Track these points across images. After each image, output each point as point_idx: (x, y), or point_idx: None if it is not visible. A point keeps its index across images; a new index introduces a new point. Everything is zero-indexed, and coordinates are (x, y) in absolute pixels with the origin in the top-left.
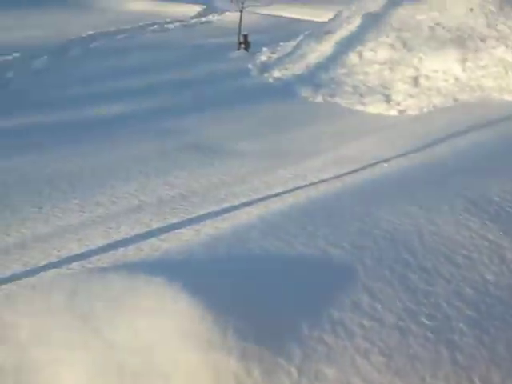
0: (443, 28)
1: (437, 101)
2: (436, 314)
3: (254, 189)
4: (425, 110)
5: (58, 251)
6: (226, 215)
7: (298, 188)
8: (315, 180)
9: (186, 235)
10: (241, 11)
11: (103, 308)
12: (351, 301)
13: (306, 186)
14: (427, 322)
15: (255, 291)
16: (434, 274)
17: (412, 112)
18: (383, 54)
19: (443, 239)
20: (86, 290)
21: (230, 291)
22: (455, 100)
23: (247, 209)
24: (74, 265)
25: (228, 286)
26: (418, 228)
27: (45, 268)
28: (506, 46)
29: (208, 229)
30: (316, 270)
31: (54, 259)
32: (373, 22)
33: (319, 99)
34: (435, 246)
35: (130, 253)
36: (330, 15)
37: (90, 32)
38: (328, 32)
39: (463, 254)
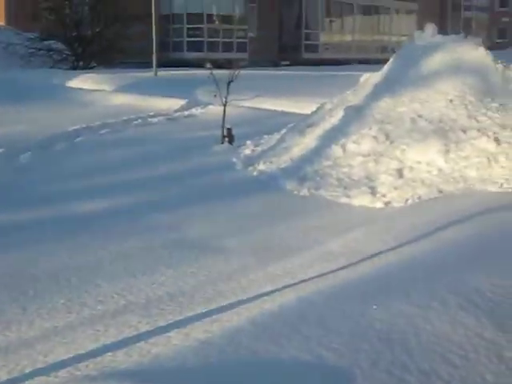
0: (425, 120)
1: (421, 192)
2: None
3: (241, 287)
4: (409, 201)
5: (45, 357)
6: (214, 316)
7: (287, 286)
8: (304, 277)
9: (175, 339)
10: (224, 105)
11: None
12: None
13: (295, 284)
14: None
15: None
16: (432, 376)
17: (397, 204)
18: (366, 146)
19: (440, 339)
20: None
21: None
22: (439, 191)
23: (236, 309)
24: (62, 372)
25: None
26: (413, 328)
27: (31, 375)
28: (488, 137)
29: (197, 333)
30: (311, 375)
31: (40, 365)
32: (355, 114)
33: (304, 192)
34: (432, 346)
35: (119, 358)
36: (313, 107)
37: (75, 127)
38: (311, 125)
39: (460, 354)
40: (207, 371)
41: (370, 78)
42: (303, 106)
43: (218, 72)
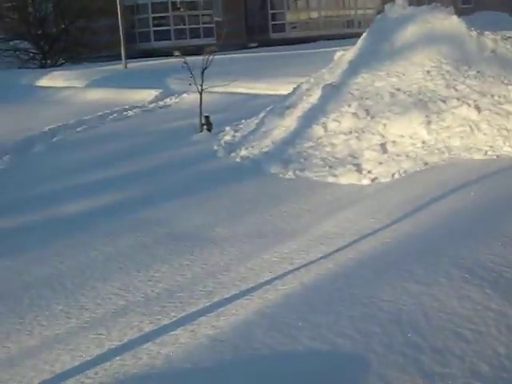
0: (404, 93)
1: (407, 165)
2: None
3: (241, 278)
4: (396, 176)
5: (51, 366)
6: (219, 310)
7: (287, 273)
8: (303, 262)
9: (183, 337)
10: (200, 93)
11: None
12: None
13: (295, 269)
14: None
15: None
16: (446, 353)
17: (384, 179)
18: (347, 123)
19: (449, 315)
20: None
21: None
22: (425, 163)
23: (240, 301)
24: (71, 382)
25: None
26: (422, 306)
27: None
28: (468, 105)
29: (205, 329)
30: (327, 363)
31: (47, 376)
32: (333, 92)
33: (290, 175)
34: (442, 323)
35: (128, 362)
36: (287, 88)
37: (50, 126)
38: (289, 106)
39: (471, 329)
40: (223, 370)
41: (344, 55)
42: (278, 88)
43: (189, 59)
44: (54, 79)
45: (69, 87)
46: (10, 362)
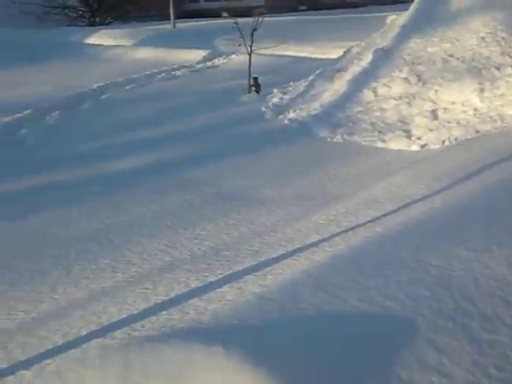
0: (457, 59)
1: (457, 133)
2: (505, 364)
3: (288, 238)
4: (446, 142)
5: (99, 318)
6: (265, 269)
7: (334, 235)
8: (351, 225)
9: (229, 294)
10: (249, 54)
11: None
12: (416, 357)
13: (342, 232)
14: (497, 374)
15: (319, 358)
16: (495, 321)
17: (433, 146)
18: (398, 88)
19: (499, 282)
20: (139, 365)
21: (293, 362)
22: (476, 131)
23: (287, 261)
24: (118, 333)
25: (291, 356)
26: (471, 273)
27: (87, 338)
28: None
29: (251, 287)
30: (375, 326)
31: (95, 327)
32: (384, 57)
33: (338, 139)
34: (492, 290)
35: (175, 317)
36: (336, 52)
37: (100, 84)
38: (340, 70)
39: None
40: (270, 329)
41: (397, 19)
42: (326, 51)
43: (238, 20)
44: (102, 37)
45: (117, 46)
46: (58, 313)
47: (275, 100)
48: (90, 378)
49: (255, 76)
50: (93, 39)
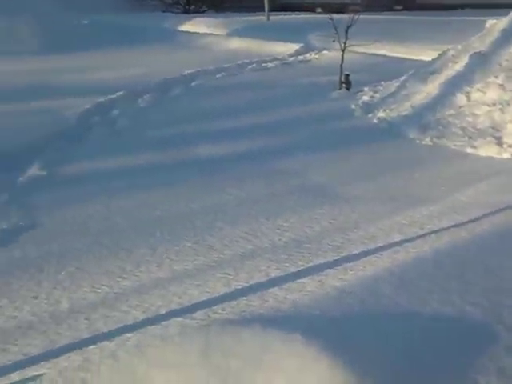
0: None
1: None
2: None
3: (370, 236)
4: None
5: (179, 298)
6: (347, 265)
7: (417, 237)
8: (434, 228)
9: (310, 286)
10: (343, 50)
11: (241, 366)
12: (495, 365)
13: (426, 234)
14: None
15: (397, 354)
16: None
17: None
18: (492, 94)
19: None
20: (219, 345)
21: (371, 355)
22: None
23: (368, 258)
24: (198, 314)
25: (369, 349)
26: None
27: (167, 316)
28: None
29: (332, 280)
30: (455, 330)
31: (175, 307)
32: (481, 61)
33: (427, 141)
34: None
35: (255, 303)
36: (429, 54)
37: (191, 71)
38: (434, 72)
39: None
40: (351, 322)
41: (497, 24)
42: (419, 53)
43: (333, 17)
44: (196, 25)
45: (210, 34)
46: (139, 290)
47: (365, 98)
48: (171, 354)
49: (347, 73)
50: (186, 26)
